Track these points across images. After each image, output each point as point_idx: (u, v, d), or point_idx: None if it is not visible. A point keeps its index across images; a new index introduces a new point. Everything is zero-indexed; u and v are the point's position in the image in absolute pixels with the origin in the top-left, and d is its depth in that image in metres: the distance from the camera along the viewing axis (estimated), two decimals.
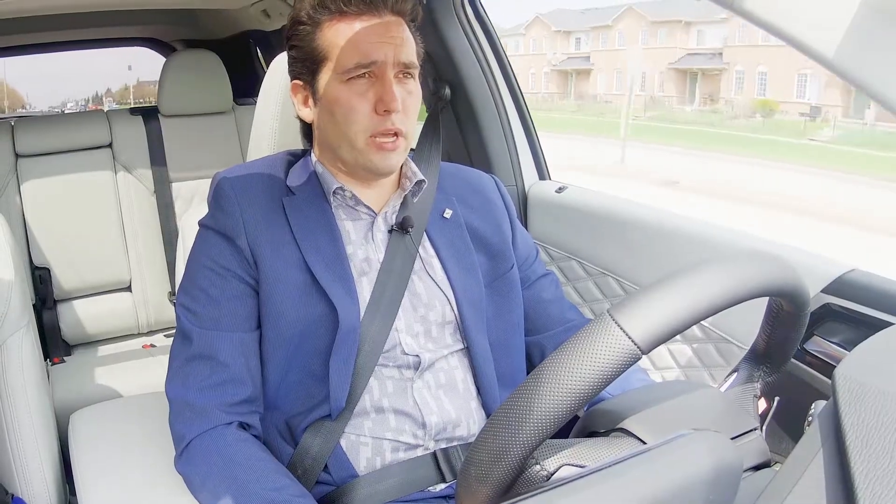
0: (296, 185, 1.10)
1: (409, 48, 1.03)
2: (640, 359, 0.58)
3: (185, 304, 1.05)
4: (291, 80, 1.10)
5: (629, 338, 0.58)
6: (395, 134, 1.02)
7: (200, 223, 1.09)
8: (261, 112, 1.32)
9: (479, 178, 1.23)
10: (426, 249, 1.11)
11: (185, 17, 2.89)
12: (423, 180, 1.10)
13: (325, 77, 1.04)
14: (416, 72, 1.06)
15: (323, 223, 1.06)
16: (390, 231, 1.09)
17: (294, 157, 1.15)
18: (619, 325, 0.58)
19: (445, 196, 1.16)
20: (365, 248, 1.07)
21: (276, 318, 1.03)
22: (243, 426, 1.01)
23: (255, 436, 1.02)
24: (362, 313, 1.03)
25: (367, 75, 1.01)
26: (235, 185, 1.08)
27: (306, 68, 1.06)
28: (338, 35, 1.02)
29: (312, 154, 1.13)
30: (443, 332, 1.08)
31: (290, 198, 1.08)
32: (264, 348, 1.04)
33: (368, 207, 1.09)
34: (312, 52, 1.04)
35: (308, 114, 1.10)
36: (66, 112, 6.15)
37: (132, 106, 2.60)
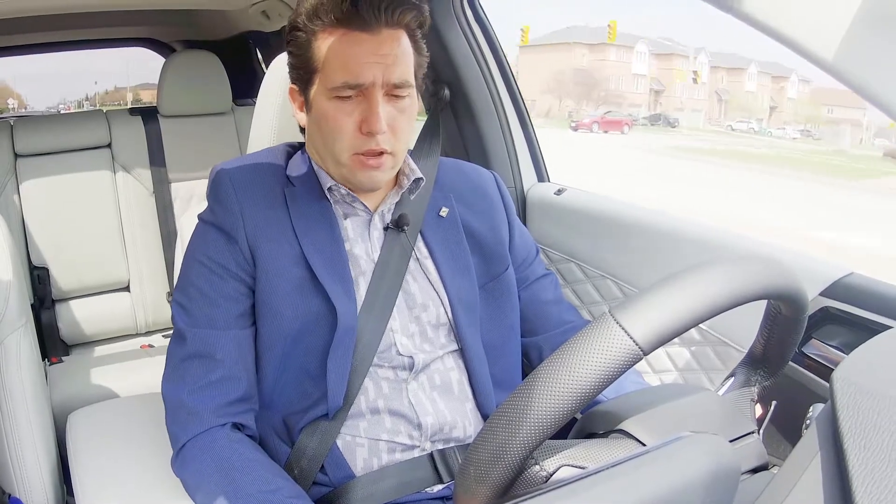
0: (295, 175, 1.09)
1: (402, 66, 1.00)
2: (640, 359, 0.58)
3: (181, 301, 1.04)
4: (290, 84, 1.10)
5: (631, 338, 0.58)
6: (381, 153, 1.01)
7: (199, 217, 1.09)
8: (260, 113, 1.32)
9: (479, 174, 1.23)
10: (420, 250, 1.10)
11: (184, 17, 2.89)
12: (422, 178, 1.10)
13: (316, 89, 1.03)
14: (412, 89, 1.03)
15: (323, 219, 1.06)
16: (386, 228, 1.09)
17: (293, 149, 1.15)
18: (620, 325, 0.58)
19: (443, 193, 1.15)
20: (361, 245, 1.07)
21: (273, 314, 1.02)
22: (238, 426, 1.01)
23: (249, 436, 1.02)
24: (358, 312, 1.03)
25: (354, 95, 0.99)
26: (234, 177, 1.07)
27: (300, 76, 1.05)
28: (330, 50, 1.00)
29: (308, 152, 1.12)
30: (437, 334, 1.08)
31: (291, 189, 1.08)
32: (260, 344, 1.04)
33: (364, 205, 1.09)
34: (306, 61, 1.03)
35: (302, 119, 1.10)
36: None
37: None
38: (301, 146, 1.15)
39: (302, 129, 1.13)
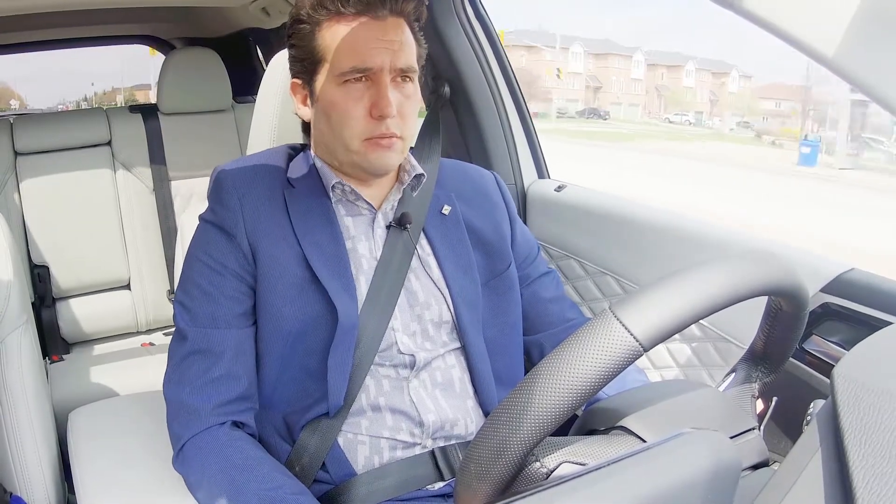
0: (296, 177, 1.09)
1: (407, 52, 1.02)
2: (641, 355, 0.58)
3: (183, 301, 1.05)
4: (291, 78, 1.10)
5: (631, 334, 0.58)
6: (392, 136, 1.02)
7: (200, 217, 1.09)
8: (260, 110, 1.32)
9: (480, 175, 1.23)
10: (423, 247, 1.10)
11: (184, 14, 2.89)
12: (423, 174, 1.10)
13: (322, 78, 1.04)
14: (416, 75, 1.05)
15: (323, 218, 1.06)
16: (388, 227, 1.09)
17: (294, 151, 1.15)
18: (620, 322, 0.58)
19: (444, 192, 1.15)
20: (365, 243, 1.07)
21: (274, 314, 1.02)
22: (237, 425, 1.01)
23: (249, 434, 1.02)
24: (359, 310, 1.03)
25: (363, 79, 1.01)
26: (235, 178, 1.08)
27: (304, 68, 1.06)
28: (335, 37, 1.01)
29: (312, 149, 1.13)
30: (439, 332, 1.08)
31: (290, 190, 1.08)
32: (261, 344, 1.04)
33: (368, 203, 1.09)
34: (311, 52, 1.04)
35: (306, 113, 1.10)
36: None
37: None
38: (302, 148, 1.15)
39: (305, 127, 1.13)
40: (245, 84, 2.73)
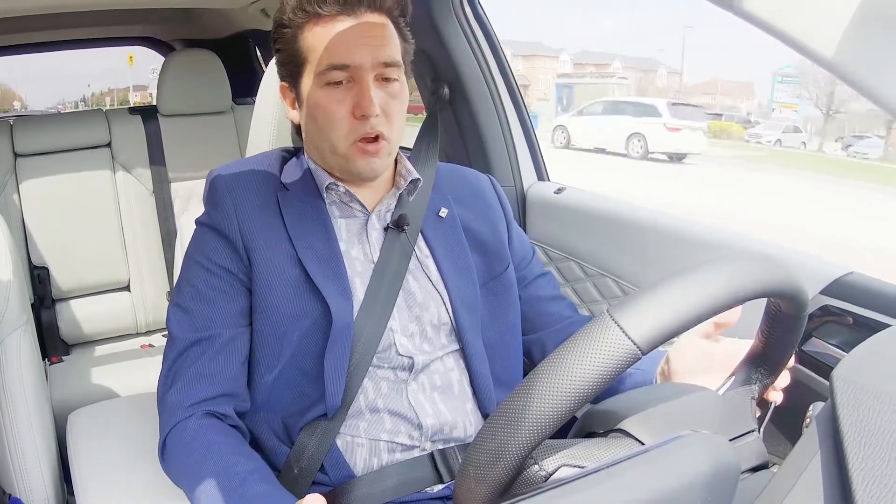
0: (290, 181, 1.09)
1: (390, 47, 1.02)
2: (639, 359, 0.58)
3: (178, 301, 1.05)
4: (279, 82, 1.10)
5: (628, 338, 0.57)
6: (377, 138, 1.02)
7: (196, 221, 1.10)
8: (259, 111, 1.32)
9: (476, 178, 1.23)
10: (421, 249, 1.10)
11: (184, 16, 2.89)
12: (419, 178, 1.10)
13: (306, 81, 1.04)
14: (401, 72, 1.04)
15: (317, 220, 1.06)
16: (386, 229, 1.09)
17: (288, 154, 1.15)
18: (618, 325, 0.58)
19: (441, 195, 1.15)
20: (359, 246, 1.07)
21: (269, 315, 1.03)
22: (218, 417, 1.00)
23: (232, 425, 1.00)
24: (356, 312, 1.03)
25: (345, 80, 1.01)
26: (229, 182, 1.08)
27: (290, 72, 1.06)
28: (316, 39, 1.01)
29: (305, 151, 1.13)
30: (438, 334, 1.07)
31: (284, 193, 1.08)
32: (257, 345, 1.04)
33: (362, 205, 1.09)
34: (294, 55, 1.04)
35: (295, 116, 1.10)
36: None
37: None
38: (297, 151, 1.15)
39: (298, 129, 1.13)
40: (244, 86, 2.73)
